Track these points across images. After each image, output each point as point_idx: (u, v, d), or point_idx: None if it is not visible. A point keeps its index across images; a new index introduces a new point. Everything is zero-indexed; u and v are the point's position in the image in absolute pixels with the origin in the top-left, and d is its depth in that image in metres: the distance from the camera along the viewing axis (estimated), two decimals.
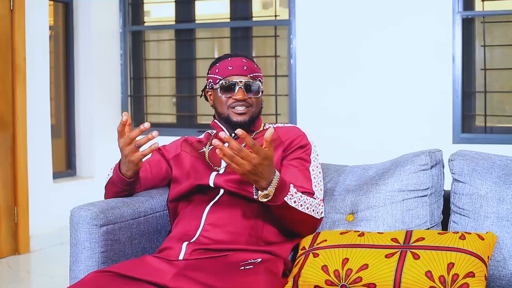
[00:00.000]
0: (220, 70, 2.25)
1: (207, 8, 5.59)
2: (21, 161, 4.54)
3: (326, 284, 1.93)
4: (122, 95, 5.50)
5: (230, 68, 2.23)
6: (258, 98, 2.26)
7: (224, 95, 2.23)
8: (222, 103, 2.23)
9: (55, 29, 5.23)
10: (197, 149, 2.32)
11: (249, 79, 2.22)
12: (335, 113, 4.72)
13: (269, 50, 5.29)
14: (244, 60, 2.26)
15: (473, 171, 2.14)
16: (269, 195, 1.96)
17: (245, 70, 2.23)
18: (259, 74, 2.28)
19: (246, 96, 2.21)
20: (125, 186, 2.21)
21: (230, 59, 2.26)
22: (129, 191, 2.26)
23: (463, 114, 4.43)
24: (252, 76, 2.24)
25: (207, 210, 2.14)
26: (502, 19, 4.51)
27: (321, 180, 2.21)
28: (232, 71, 2.22)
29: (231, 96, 2.22)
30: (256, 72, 2.26)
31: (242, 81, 2.21)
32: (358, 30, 4.64)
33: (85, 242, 2.09)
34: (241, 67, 2.23)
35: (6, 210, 4.48)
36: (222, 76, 2.24)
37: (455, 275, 1.81)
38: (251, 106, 2.23)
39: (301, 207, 2.06)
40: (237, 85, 2.21)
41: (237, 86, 2.21)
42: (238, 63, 2.24)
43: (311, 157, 2.21)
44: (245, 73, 2.23)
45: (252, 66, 2.26)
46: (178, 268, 1.95)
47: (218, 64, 2.27)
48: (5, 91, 4.46)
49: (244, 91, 2.21)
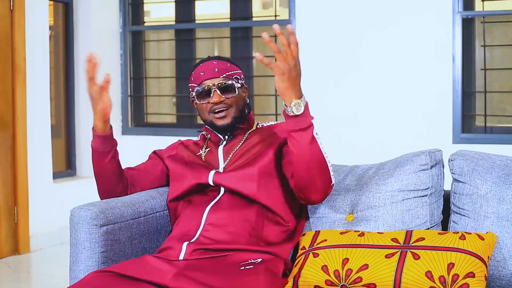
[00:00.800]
0: (194, 77, 2.25)
1: (207, 8, 5.60)
2: (21, 161, 4.54)
3: (326, 284, 1.93)
4: (122, 95, 5.50)
5: (202, 73, 2.22)
6: (236, 97, 2.22)
7: (202, 102, 2.22)
8: (203, 110, 2.23)
9: (55, 29, 5.23)
10: (194, 152, 2.32)
11: (222, 80, 2.21)
12: (335, 113, 4.72)
13: (269, 50, 5.25)
14: (215, 62, 2.24)
15: (473, 171, 2.14)
16: (301, 104, 1.91)
17: (216, 72, 2.21)
18: (234, 72, 2.25)
19: (222, 97, 2.20)
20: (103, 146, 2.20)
21: (202, 64, 2.26)
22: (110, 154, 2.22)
23: (463, 114, 4.43)
24: (225, 76, 2.22)
25: (208, 210, 2.14)
26: (502, 19, 4.52)
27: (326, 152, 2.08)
28: (204, 76, 2.22)
29: (208, 101, 2.21)
30: (230, 71, 2.24)
31: (215, 84, 2.20)
32: (358, 30, 4.64)
33: (85, 242, 2.09)
34: (212, 70, 2.22)
35: (6, 210, 4.48)
36: (196, 83, 2.23)
37: (455, 275, 1.81)
38: (230, 107, 2.21)
39: (321, 145, 1.98)
40: (211, 88, 2.20)
41: (212, 90, 2.20)
42: (209, 67, 2.23)
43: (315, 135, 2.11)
44: (217, 75, 2.21)
45: (225, 66, 2.24)
46: (178, 268, 1.95)
47: (193, 72, 2.27)
48: (5, 91, 4.46)
49: (219, 93, 2.20)
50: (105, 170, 2.24)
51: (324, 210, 2.28)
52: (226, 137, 2.26)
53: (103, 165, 2.23)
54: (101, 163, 2.23)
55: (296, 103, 1.91)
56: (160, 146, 2.66)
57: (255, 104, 5.32)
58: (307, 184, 2.01)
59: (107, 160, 2.22)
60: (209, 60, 2.26)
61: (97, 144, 2.21)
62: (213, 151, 2.27)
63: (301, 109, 1.91)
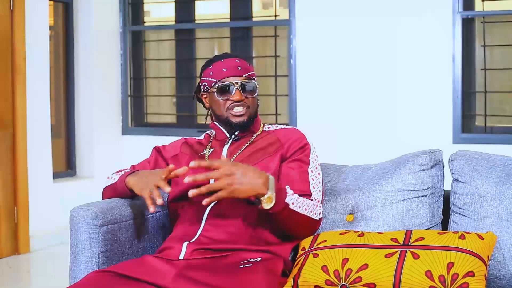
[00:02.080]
0: (214, 72, 2.23)
1: (207, 8, 5.59)
2: (21, 161, 4.54)
3: (326, 284, 1.93)
4: (122, 95, 5.50)
5: (224, 70, 2.21)
6: (254, 98, 2.24)
7: (221, 98, 2.21)
8: (220, 106, 2.22)
9: (55, 29, 5.23)
10: (197, 151, 2.31)
11: (245, 79, 2.21)
12: (334, 113, 4.72)
13: (269, 50, 5.29)
14: (237, 60, 2.24)
15: (473, 171, 2.14)
16: (272, 199, 1.94)
17: (239, 70, 2.22)
18: (253, 73, 2.27)
19: (243, 96, 2.20)
20: (123, 196, 2.25)
21: (223, 60, 2.24)
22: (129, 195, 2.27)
23: (463, 114, 4.43)
24: (247, 76, 2.23)
25: (208, 210, 2.14)
26: (502, 19, 4.51)
27: (320, 181, 2.20)
28: (227, 73, 2.21)
29: (228, 98, 2.20)
30: (250, 71, 2.25)
31: (238, 82, 2.20)
32: (358, 30, 4.64)
33: (85, 242, 2.09)
34: (235, 68, 2.22)
35: (6, 210, 4.48)
36: (217, 79, 2.22)
37: (455, 274, 1.81)
38: (248, 106, 2.22)
39: (299, 209, 2.05)
40: (233, 86, 2.20)
41: (233, 87, 2.20)
42: (232, 64, 2.22)
43: (310, 159, 2.20)
44: (240, 73, 2.21)
45: (246, 66, 2.25)
46: (178, 268, 1.95)
47: (211, 67, 2.25)
48: (5, 91, 4.46)
49: (241, 91, 2.20)
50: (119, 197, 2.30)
51: (324, 210, 2.28)
52: (233, 136, 2.26)
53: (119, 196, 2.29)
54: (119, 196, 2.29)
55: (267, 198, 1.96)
56: None
57: None
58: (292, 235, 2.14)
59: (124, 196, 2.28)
60: (230, 57, 2.26)
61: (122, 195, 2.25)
62: (217, 151, 2.27)
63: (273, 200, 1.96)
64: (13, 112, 4.51)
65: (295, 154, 2.19)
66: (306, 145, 2.21)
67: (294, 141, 2.21)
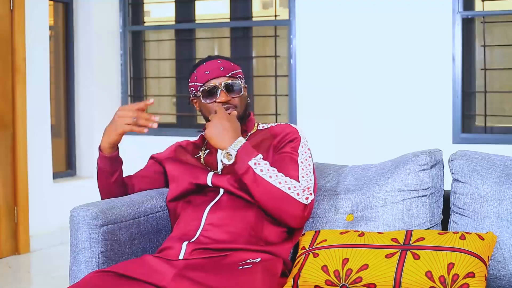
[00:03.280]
0: (198, 76, 2.23)
1: (207, 8, 5.59)
2: (21, 161, 4.54)
3: (326, 284, 1.93)
4: (122, 95, 5.50)
5: (207, 72, 2.21)
6: (241, 97, 2.23)
7: (207, 101, 2.22)
8: (208, 109, 2.23)
9: (55, 29, 5.23)
10: (193, 153, 2.32)
11: (228, 79, 2.21)
12: (334, 112, 4.72)
13: (269, 50, 5.29)
14: (219, 61, 2.24)
15: (473, 171, 2.14)
16: (231, 156, 2.03)
17: (222, 71, 2.21)
18: (238, 71, 2.25)
19: (229, 97, 2.20)
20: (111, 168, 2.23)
21: (206, 63, 2.24)
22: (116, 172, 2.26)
23: (463, 114, 4.43)
24: (230, 75, 2.22)
25: (208, 210, 2.14)
26: (502, 19, 4.51)
27: (310, 172, 2.15)
28: (210, 75, 2.21)
29: (215, 100, 2.20)
30: (234, 70, 2.24)
31: (221, 83, 2.20)
32: (358, 30, 4.64)
33: (85, 242, 2.09)
34: (218, 69, 2.21)
35: (6, 210, 4.48)
36: (201, 82, 2.22)
37: (455, 275, 1.81)
38: (236, 106, 2.22)
39: (270, 179, 2.03)
40: (218, 88, 2.20)
41: (218, 89, 2.19)
42: (214, 65, 2.22)
43: (299, 151, 2.17)
44: (223, 73, 2.21)
45: (229, 65, 2.24)
46: (178, 268, 1.95)
47: (195, 71, 2.25)
48: (5, 91, 4.46)
49: (226, 92, 2.20)
50: (110, 188, 2.28)
51: (324, 210, 2.28)
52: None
53: (108, 183, 2.27)
54: (107, 181, 2.26)
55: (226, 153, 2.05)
56: (160, 146, 2.67)
57: (255, 104, 5.32)
58: (275, 216, 2.09)
59: (112, 180, 2.26)
60: (212, 59, 2.25)
61: (104, 164, 2.23)
62: (213, 152, 2.28)
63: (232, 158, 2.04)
64: (13, 112, 4.51)
65: (285, 146, 2.18)
66: (296, 138, 2.20)
67: (286, 134, 2.21)
